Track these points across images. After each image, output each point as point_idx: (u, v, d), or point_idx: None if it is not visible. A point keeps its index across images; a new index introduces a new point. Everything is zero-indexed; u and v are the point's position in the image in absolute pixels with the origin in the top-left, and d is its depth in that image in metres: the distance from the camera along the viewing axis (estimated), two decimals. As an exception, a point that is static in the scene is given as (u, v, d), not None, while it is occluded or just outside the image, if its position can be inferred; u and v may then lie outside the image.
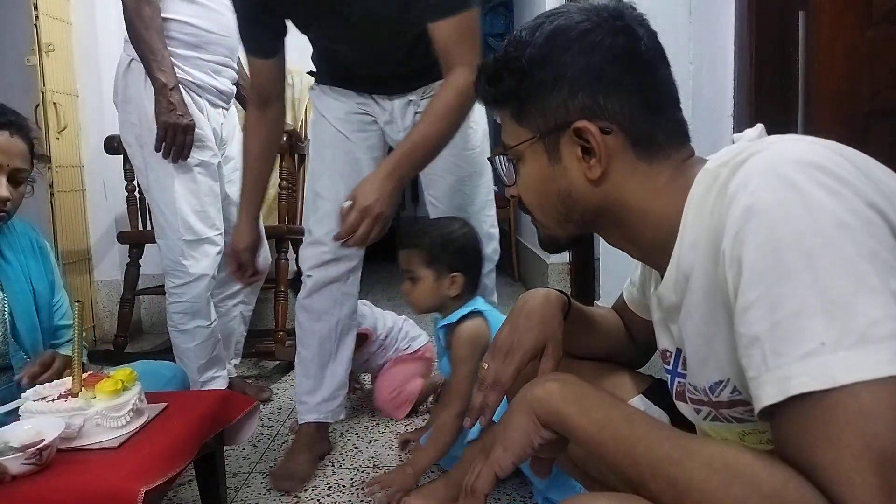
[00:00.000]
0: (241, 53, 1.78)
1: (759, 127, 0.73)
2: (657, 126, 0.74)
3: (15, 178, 1.32)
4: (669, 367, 0.83)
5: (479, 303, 1.55)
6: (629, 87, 0.73)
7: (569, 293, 0.97)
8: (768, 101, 1.79)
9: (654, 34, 0.76)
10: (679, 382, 0.81)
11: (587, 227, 0.82)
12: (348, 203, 1.23)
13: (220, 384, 2.02)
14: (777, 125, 0.75)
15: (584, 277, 2.74)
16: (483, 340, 1.47)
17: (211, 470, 1.32)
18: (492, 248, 1.75)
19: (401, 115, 1.61)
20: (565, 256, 2.93)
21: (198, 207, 1.88)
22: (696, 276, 0.69)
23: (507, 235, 4.30)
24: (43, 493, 0.96)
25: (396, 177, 1.24)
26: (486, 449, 0.72)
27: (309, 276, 1.63)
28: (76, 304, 1.15)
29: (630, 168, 0.74)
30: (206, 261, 1.90)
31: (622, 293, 1.04)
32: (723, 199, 0.63)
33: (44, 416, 1.06)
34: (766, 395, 0.55)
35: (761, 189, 0.58)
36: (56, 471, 1.00)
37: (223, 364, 2.05)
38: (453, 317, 1.52)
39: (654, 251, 0.77)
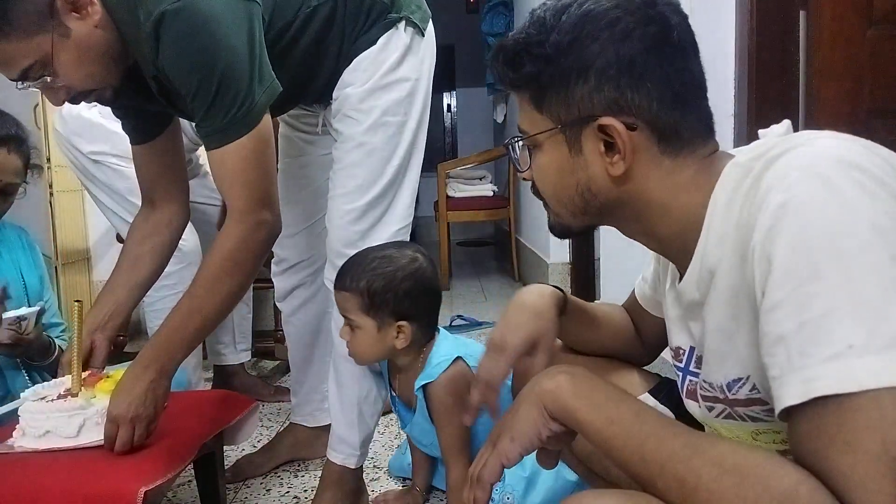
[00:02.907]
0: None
1: (787, 123, 0.72)
2: (683, 120, 0.72)
3: (5, 191, 1.39)
4: (682, 365, 0.82)
5: (446, 341, 1.32)
6: (658, 79, 0.70)
7: (569, 293, 0.97)
8: (768, 101, 1.79)
9: (685, 18, 0.73)
10: (691, 381, 0.80)
11: (602, 219, 0.80)
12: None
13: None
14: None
15: (585, 277, 2.74)
16: (465, 381, 1.24)
17: (211, 470, 1.32)
18: None
19: (329, 116, 1.44)
20: (565, 256, 2.93)
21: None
22: (722, 272, 0.68)
23: (508, 235, 4.29)
24: (43, 493, 0.96)
25: (154, 370, 1.08)
26: (494, 439, 0.72)
27: (275, 284, 1.65)
28: (76, 303, 1.14)
29: (654, 164, 0.72)
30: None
31: (633, 290, 1.03)
32: (755, 193, 0.61)
33: (43, 414, 1.06)
34: (789, 395, 0.54)
35: (797, 185, 0.57)
36: (56, 471, 1.00)
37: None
38: (432, 373, 1.27)
39: (672, 245, 0.76)
